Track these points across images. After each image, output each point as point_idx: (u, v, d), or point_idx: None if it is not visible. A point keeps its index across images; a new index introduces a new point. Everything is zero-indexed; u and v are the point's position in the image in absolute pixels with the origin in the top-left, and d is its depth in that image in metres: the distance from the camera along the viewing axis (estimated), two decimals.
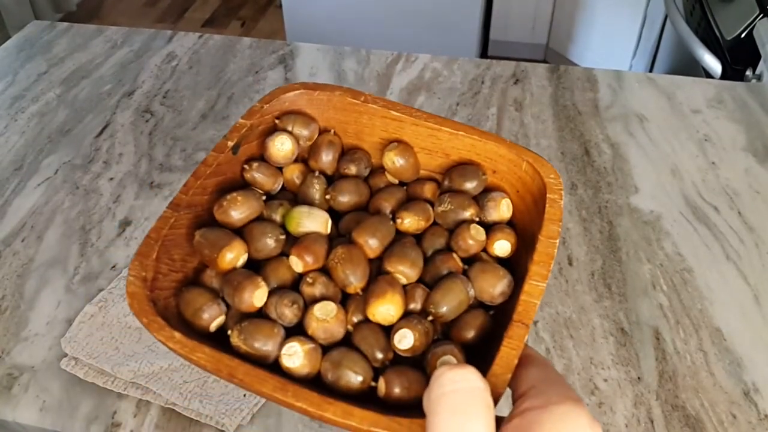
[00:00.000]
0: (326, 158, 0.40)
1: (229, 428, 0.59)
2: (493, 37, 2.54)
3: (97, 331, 0.67)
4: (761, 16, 1.30)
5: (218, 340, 0.32)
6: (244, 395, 0.61)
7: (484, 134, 0.39)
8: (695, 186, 0.86)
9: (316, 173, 0.39)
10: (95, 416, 0.61)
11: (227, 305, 0.34)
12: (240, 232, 0.35)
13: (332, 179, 0.40)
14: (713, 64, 1.39)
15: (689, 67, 1.54)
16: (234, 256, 0.34)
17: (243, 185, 0.38)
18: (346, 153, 0.41)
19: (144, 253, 0.33)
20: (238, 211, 0.35)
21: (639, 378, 0.64)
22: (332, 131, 0.41)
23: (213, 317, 0.33)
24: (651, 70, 1.99)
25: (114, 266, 0.76)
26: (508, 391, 0.30)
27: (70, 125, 0.98)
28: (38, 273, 0.75)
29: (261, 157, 0.40)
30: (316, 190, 0.38)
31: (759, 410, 0.62)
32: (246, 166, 0.38)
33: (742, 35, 1.33)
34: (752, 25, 1.31)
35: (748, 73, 1.30)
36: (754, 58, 1.30)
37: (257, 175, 0.38)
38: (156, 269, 0.33)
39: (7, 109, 1.01)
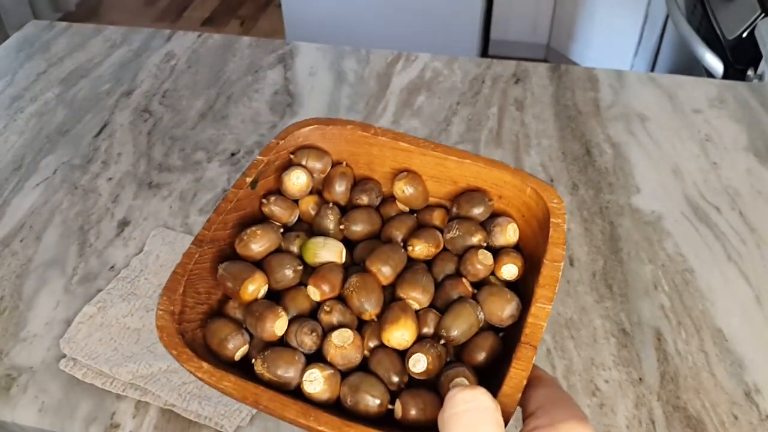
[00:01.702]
0: (339, 189, 0.42)
1: (228, 429, 0.59)
2: (493, 37, 2.54)
3: (95, 332, 0.67)
4: (762, 15, 1.29)
5: (243, 368, 0.34)
6: None
7: (489, 161, 0.40)
8: (697, 186, 0.85)
9: (330, 204, 0.41)
10: (94, 417, 0.61)
11: (250, 335, 0.36)
12: (260, 264, 0.37)
13: (345, 209, 0.42)
14: (715, 64, 1.38)
15: (691, 66, 1.54)
16: (255, 287, 0.36)
17: (261, 219, 0.41)
18: (358, 183, 0.43)
19: (171, 288, 0.35)
20: (258, 244, 0.37)
21: (640, 379, 0.64)
22: (344, 163, 0.43)
23: (237, 347, 0.35)
24: (652, 70, 1.99)
25: (113, 266, 0.75)
26: (519, 409, 0.32)
27: (68, 125, 0.97)
28: (37, 273, 0.75)
29: (278, 191, 0.42)
30: (330, 220, 0.41)
31: (760, 411, 0.61)
32: (264, 200, 0.40)
33: (744, 35, 1.32)
34: (754, 24, 1.30)
35: (750, 72, 1.30)
36: (755, 58, 1.30)
37: (275, 208, 0.40)
38: (183, 303, 0.35)
39: (5, 109, 1.01)
